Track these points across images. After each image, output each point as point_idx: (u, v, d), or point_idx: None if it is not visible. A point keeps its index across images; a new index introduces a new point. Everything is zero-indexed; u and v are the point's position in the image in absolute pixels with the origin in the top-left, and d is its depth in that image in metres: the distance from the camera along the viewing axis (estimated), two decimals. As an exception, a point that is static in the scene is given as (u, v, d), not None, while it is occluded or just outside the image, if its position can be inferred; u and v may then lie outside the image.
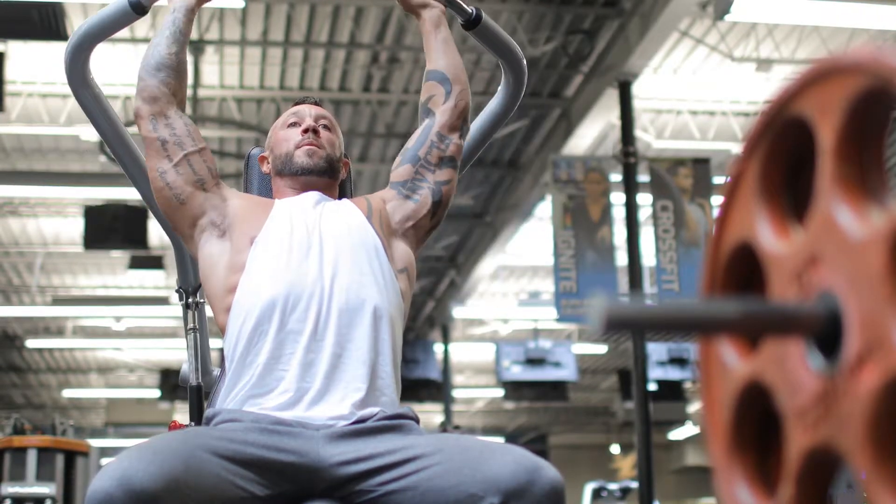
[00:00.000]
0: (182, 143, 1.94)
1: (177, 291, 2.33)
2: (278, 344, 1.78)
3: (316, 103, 2.13)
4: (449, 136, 2.03)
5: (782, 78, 8.01)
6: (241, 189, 2.33)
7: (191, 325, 2.30)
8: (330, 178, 2.03)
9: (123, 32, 7.83)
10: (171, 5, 2.02)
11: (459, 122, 2.04)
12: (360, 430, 1.71)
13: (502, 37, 2.15)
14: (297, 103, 2.13)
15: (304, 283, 1.82)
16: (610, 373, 17.37)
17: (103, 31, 2.04)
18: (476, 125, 2.23)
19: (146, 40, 7.83)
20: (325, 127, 2.06)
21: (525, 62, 2.19)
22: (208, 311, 2.37)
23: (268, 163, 2.09)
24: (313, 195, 1.99)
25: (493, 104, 2.23)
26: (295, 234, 1.89)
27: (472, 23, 2.12)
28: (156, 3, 2.03)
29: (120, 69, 8.36)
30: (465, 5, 2.11)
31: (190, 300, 2.32)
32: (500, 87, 2.22)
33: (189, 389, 2.22)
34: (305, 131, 2.02)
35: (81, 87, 2.08)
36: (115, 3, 2.02)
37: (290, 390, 1.75)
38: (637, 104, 7.94)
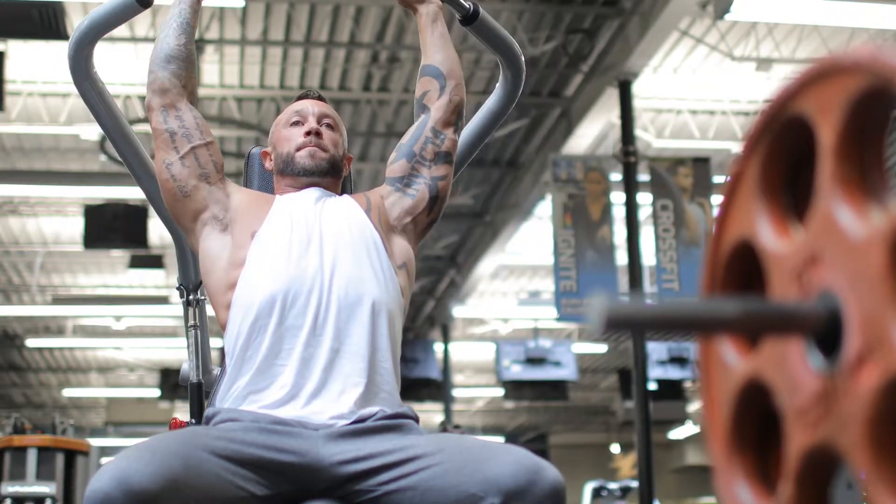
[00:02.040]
0: (190, 136, 1.94)
1: (177, 288, 2.33)
2: (278, 339, 1.78)
3: (319, 98, 2.11)
4: (443, 131, 2.02)
5: (782, 77, 8.02)
6: (241, 188, 2.33)
7: (192, 323, 2.30)
8: (332, 177, 2.03)
9: (123, 31, 7.78)
10: None
11: (454, 118, 2.04)
12: (360, 429, 1.71)
13: (500, 33, 2.15)
14: (299, 97, 2.12)
15: (304, 278, 1.82)
16: (610, 372, 17.36)
17: (107, 24, 2.03)
18: (474, 122, 2.23)
19: (146, 39, 7.83)
20: (328, 125, 2.05)
21: (523, 58, 2.18)
22: (209, 310, 2.37)
23: (270, 159, 2.08)
24: (314, 191, 1.99)
25: (490, 101, 2.23)
26: (295, 229, 1.89)
27: (469, 18, 2.12)
28: None
29: (120, 68, 8.36)
30: (462, 0, 2.10)
31: (191, 297, 2.31)
32: (497, 84, 2.21)
33: (189, 387, 2.22)
34: (308, 133, 2.01)
35: (85, 80, 2.07)
36: None
37: (289, 385, 1.75)
38: (637, 103, 7.94)
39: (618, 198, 7.85)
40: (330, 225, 1.91)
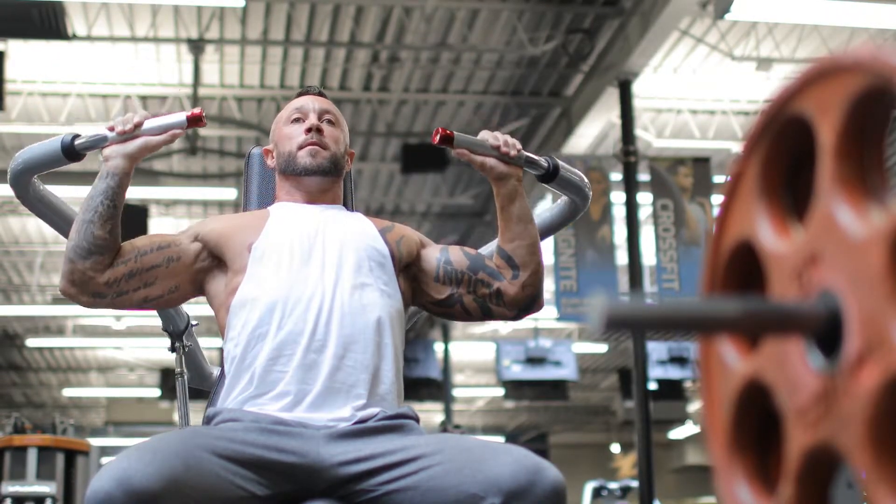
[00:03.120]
0: (131, 272, 1.84)
1: (163, 330, 2.32)
2: (277, 346, 1.77)
3: (320, 93, 2.09)
4: (506, 304, 1.92)
5: (782, 77, 8.02)
6: (241, 188, 2.33)
7: (178, 370, 2.29)
8: (334, 175, 2.01)
9: (124, 31, 7.77)
10: (105, 168, 1.84)
11: (523, 304, 1.93)
12: (361, 430, 1.71)
13: (575, 180, 2.06)
14: (300, 93, 2.09)
15: (305, 286, 1.81)
16: (610, 372, 17.37)
17: (37, 168, 1.92)
18: None
19: (146, 39, 7.83)
20: (329, 122, 2.02)
21: (591, 195, 2.12)
22: (202, 342, 2.37)
23: (272, 157, 2.06)
24: (316, 206, 1.98)
25: (547, 215, 2.16)
26: (296, 238, 1.87)
27: (549, 177, 2.01)
28: (90, 152, 1.89)
29: (120, 68, 8.36)
30: (541, 161, 1.99)
31: (176, 344, 2.30)
32: (560, 201, 2.14)
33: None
34: (309, 130, 1.98)
35: (37, 205, 1.98)
36: (50, 144, 1.90)
37: (291, 392, 1.74)
38: (637, 103, 7.94)
39: (618, 197, 7.85)
40: (334, 235, 1.90)
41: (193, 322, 2.34)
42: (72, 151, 1.88)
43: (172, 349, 2.30)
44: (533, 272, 1.92)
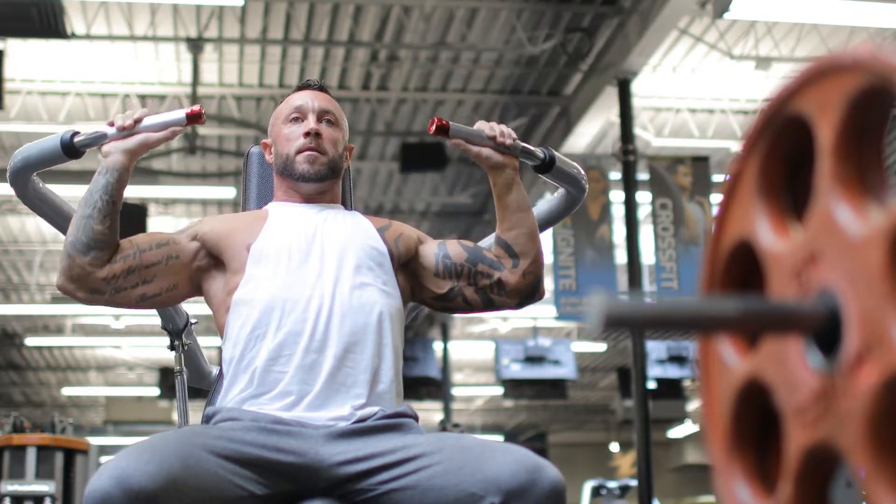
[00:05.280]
0: (130, 269, 1.83)
1: (163, 328, 2.31)
2: (276, 346, 1.77)
3: (321, 88, 2.06)
4: (508, 294, 1.93)
5: (781, 76, 8.02)
6: (240, 187, 2.32)
7: (177, 368, 2.29)
8: (332, 180, 2.00)
9: (122, 30, 7.77)
10: (104, 164, 1.84)
11: (525, 292, 1.93)
12: (360, 429, 1.71)
13: (571, 171, 2.08)
14: (300, 87, 2.07)
15: (304, 286, 1.81)
16: (609, 371, 17.37)
17: (37, 165, 1.92)
18: None
19: (146, 38, 7.83)
20: (329, 122, 2.00)
21: (587, 188, 2.13)
22: (201, 341, 2.37)
23: (270, 152, 2.05)
24: (314, 205, 1.98)
25: (545, 207, 2.17)
26: (294, 238, 1.87)
27: (545, 167, 2.02)
28: (90, 150, 1.90)
29: (119, 67, 8.36)
30: (537, 151, 2.00)
31: (175, 342, 2.30)
32: (557, 194, 2.15)
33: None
34: (307, 134, 1.97)
35: (37, 203, 1.99)
36: (50, 141, 1.90)
37: (291, 393, 1.74)
38: (636, 102, 7.94)
39: (617, 196, 7.85)
40: (333, 235, 1.89)
41: (193, 320, 2.33)
42: (71, 148, 1.88)
43: (172, 347, 2.30)
44: (533, 260, 1.93)
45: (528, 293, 1.94)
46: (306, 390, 1.74)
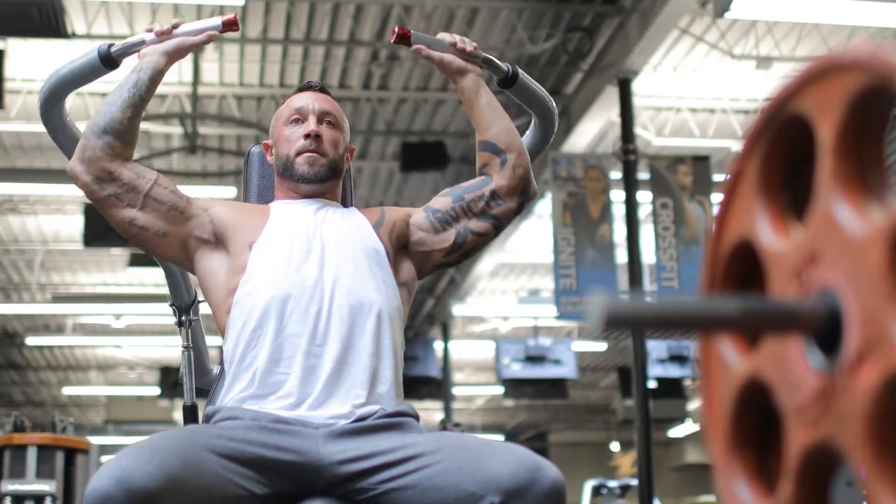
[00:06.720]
0: (136, 187, 1.86)
1: (170, 306, 2.31)
2: (277, 347, 1.77)
3: (322, 89, 2.07)
4: (506, 198, 1.96)
5: (782, 75, 8.02)
6: (241, 187, 2.33)
7: (184, 344, 2.29)
8: (332, 181, 2.01)
9: (123, 29, 7.74)
10: (140, 63, 1.91)
11: (520, 187, 1.96)
12: (360, 428, 1.71)
13: (537, 92, 2.08)
14: (301, 88, 2.07)
15: (304, 286, 1.81)
16: (610, 370, 17.36)
17: (74, 82, 1.94)
18: None
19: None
20: (329, 123, 2.01)
21: (557, 113, 2.13)
22: (204, 322, 2.36)
23: (271, 153, 2.05)
24: (314, 201, 1.98)
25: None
26: (294, 238, 1.88)
27: (508, 81, 2.03)
28: (127, 58, 1.94)
29: (121, 67, 8.33)
30: (500, 64, 2.02)
31: (183, 318, 2.30)
32: (529, 130, 2.15)
33: (183, 409, 2.20)
34: (307, 136, 1.97)
35: (60, 132, 2.00)
36: (86, 55, 1.92)
37: (293, 395, 1.74)
38: (637, 102, 7.93)
39: (617, 196, 7.84)
40: (331, 234, 1.90)
41: (200, 297, 2.33)
42: (109, 58, 1.92)
43: (179, 323, 2.30)
44: (519, 153, 1.97)
45: (523, 188, 1.97)
46: (307, 392, 1.74)
